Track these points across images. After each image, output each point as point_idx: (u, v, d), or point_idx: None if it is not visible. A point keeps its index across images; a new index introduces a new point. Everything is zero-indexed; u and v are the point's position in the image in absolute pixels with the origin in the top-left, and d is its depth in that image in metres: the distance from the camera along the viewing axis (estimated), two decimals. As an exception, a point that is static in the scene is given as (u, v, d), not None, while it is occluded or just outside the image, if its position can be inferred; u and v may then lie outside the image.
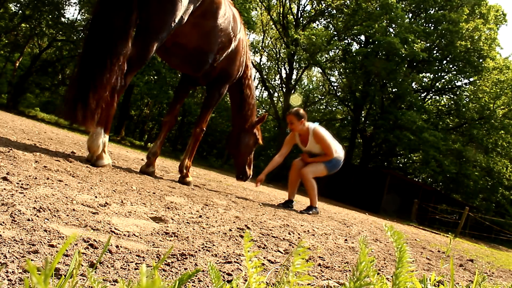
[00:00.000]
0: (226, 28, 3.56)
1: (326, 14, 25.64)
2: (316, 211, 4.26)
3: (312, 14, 25.98)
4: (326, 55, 25.40)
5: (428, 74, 25.46)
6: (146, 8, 2.85)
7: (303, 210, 4.21)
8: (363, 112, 26.01)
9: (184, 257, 1.18)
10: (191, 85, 4.20)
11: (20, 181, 1.60)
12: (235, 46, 3.89)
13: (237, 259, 1.27)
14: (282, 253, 1.58)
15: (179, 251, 1.23)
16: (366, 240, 2.83)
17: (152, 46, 2.94)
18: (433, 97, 27.53)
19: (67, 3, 23.60)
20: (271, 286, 1.07)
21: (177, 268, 1.06)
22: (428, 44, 22.59)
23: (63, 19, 23.30)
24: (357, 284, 0.55)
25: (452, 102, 25.17)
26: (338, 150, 4.42)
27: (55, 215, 1.26)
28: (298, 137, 4.46)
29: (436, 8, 24.28)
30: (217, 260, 1.24)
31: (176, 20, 2.95)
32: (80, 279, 0.82)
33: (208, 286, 0.98)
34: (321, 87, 33.75)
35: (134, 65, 2.89)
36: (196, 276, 1.02)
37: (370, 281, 0.61)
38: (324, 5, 25.29)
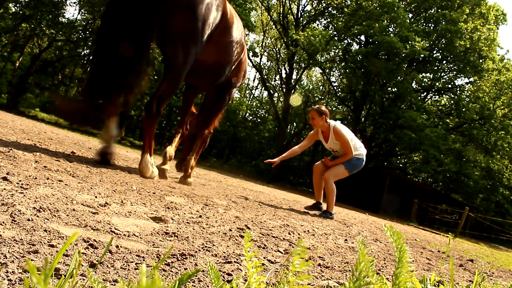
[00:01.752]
0: (240, 39, 3.73)
1: (326, 14, 25.62)
2: (331, 216, 4.25)
3: (312, 14, 25.96)
4: (326, 55, 25.36)
5: (428, 74, 25.45)
6: (171, 47, 3.11)
7: (319, 214, 4.22)
8: (363, 112, 25.96)
9: (184, 257, 1.18)
10: (195, 94, 4.33)
11: (20, 181, 1.60)
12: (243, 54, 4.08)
13: (237, 259, 1.27)
14: (282, 253, 1.58)
15: (179, 251, 1.23)
16: (366, 240, 2.81)
17: (179, 79, 3.25)
18: (433, 97, 27.52)
19: (67, 3, 23.60)
20: (271, 286, 1.07)
21: (177, 268, 1.06)
22: (428, 44, 22.56)
23: (63, 19, 23.31)
24: (356, 284, 0.55)
25: (452, 102, 25.14)
26: (358, 148, 4.43)
27: (55, 215, 1.26)
28: (321, 134, 4.54)
29: (436, 8, 24.26)
30: (217, 260, 1.24)
31: (198, 52, 3.24)
32: (80, 279, 0.82)
33: (208, 286, 0.98)
34: (321, 87, 33.72)
35: (167, 96, 3.22)
36: (196, 276, 1.02)
37: (369, 281, 0.61)
38: (324, 5, 25.27)
